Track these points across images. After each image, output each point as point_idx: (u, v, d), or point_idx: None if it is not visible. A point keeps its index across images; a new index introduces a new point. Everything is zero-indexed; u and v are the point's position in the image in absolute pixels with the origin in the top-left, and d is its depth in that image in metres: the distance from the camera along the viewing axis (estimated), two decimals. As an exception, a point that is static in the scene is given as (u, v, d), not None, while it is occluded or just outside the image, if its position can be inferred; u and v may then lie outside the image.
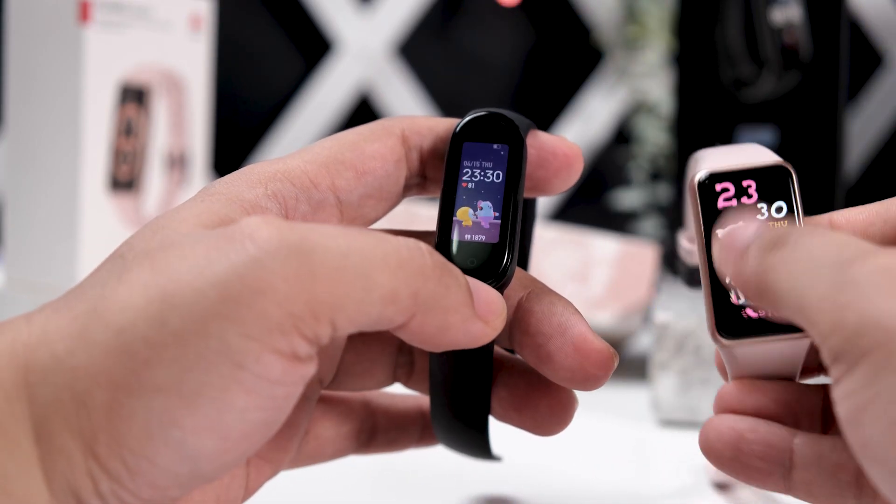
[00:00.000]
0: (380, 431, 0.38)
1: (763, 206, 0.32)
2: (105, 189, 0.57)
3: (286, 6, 1.03)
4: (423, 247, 0.29)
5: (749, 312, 0.31)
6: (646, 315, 0.70)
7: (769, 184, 0.33)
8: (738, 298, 0.32)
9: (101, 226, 0.57)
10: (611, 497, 0.45)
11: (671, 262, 0.83)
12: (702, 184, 0.33)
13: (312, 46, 1.04)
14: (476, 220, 0.32)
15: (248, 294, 0.26)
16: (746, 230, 0.30)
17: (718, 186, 0.33)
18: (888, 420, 0.24)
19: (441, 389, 0.34)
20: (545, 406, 0.34)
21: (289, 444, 0.34)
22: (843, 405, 0.26)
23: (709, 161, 0.34)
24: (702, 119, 0.81)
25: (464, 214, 0.33)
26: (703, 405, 0.56)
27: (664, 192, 1.07)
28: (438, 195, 0.33)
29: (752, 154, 0.34)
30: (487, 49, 1.11)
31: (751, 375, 0.32)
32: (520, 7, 1.11)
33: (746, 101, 0.80)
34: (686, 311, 0.57)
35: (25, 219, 0.59)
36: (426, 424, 0.38)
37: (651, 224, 1.09)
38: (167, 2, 0.60)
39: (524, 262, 0.38)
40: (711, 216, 0.32)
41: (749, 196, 0.33)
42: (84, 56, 0.56)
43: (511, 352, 0.35)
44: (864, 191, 1.17)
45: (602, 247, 0.69)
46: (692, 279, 0.49)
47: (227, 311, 0.26)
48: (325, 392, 0.37)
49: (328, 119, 1.03)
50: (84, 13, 0.56)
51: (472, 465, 0.41)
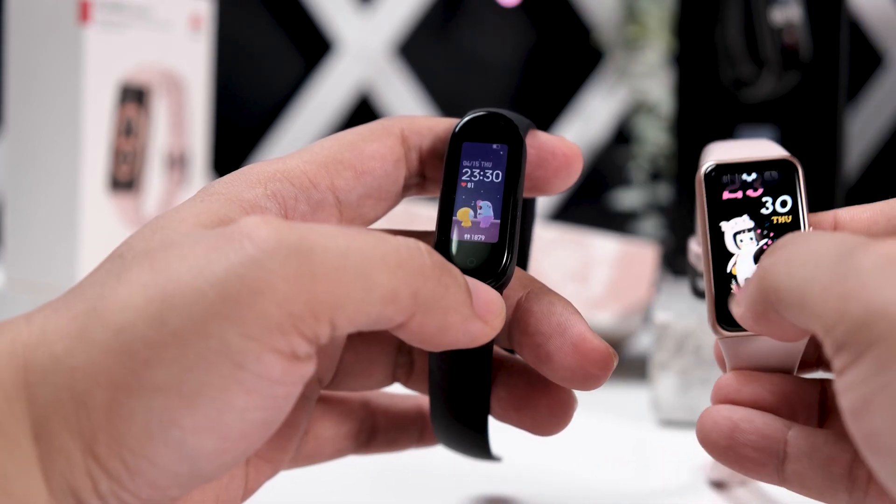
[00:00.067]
0: (379, 431, 0.38)
1: (768, 200, 0.33)
2: (105, 189, 0.57)
3: (286, 6, 1.03)
4: (423, 246, 0.29)
5: None
6: (646, 315, 0.70)
7: (775, 177, 0.33)
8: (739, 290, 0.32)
9: (101, 226, 0.57)
10: (611, 497, 0.45)
11: (671, 262, 0.83)
12: (708, 175, 0.33)
13: (312, 46, 1.04)
14: (475, 220, 0.32)
15: (248, 294, 0.26)
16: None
17: (724, 178, 0.33)
18: None
19: (440, 389, 0.34)
20: (544, 406, 0.34)
21: (288, 444, 0.34)
22: (848, 396, 0.26)
23: (718, 153, 0.34)
24: (702, 119, 0.81)
25: (463, 214, 0.32)
26: (703, 405, 0.56)
27: (664, 192, 1.07)
28: (438, 195, 0.33)
29: (761, 148, 0.34)
30: (487, 49, 1.11)
31: (749, 368, 0.32)
32: (520, 7, 1.11)
33: (746, 101, 0.80)
34: (686, 311, 0.57)
35: (25, 219, 0.59)
36: (426, 424, 0.38)
37: (651, 224, 1.09)
38: (167, 2, 0.60)
39: (523, 262, 0.38)
40: (716, 207, 0.33)
41: (754, 189, 0.33)
42: (84, 56, 0.56)
43: (510, 352, 0.35)
44: (864, 191, 1.17)
45: (602, 247, 0.69)
46: (698, 290, 0.49)
47: (227, 311, 0.26)
48: (325, 392, 0.37)
49: (328, 119, 1.03)
50: (84, 13, 0.56)
51: (472, 465, 0.41)
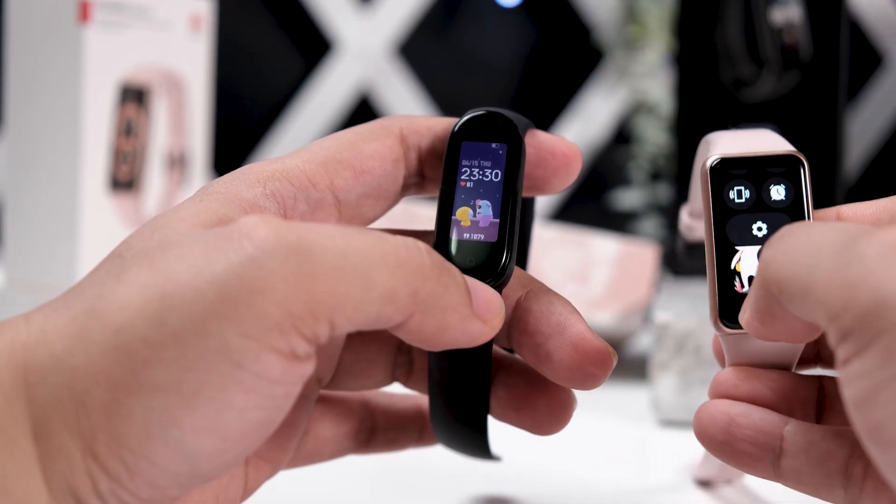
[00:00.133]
0: (379, 431, 0.38)
1: (773, 195, 0.32)
2: (105, 189, 0.57)
3: (286, 6, 1.03)
4: (422, 246, 0.29)
5: None
6: (646, 315, 0.70)
7: (780, 172, 0.33)
8: (742, 287, 0.32)
9: (101, 226, 0.57)
10: (611, 497, 0.45)
11: (671, 262, 0.83)
12: (713, 168, 0.33)
13: (312, 46, 1.04)
14: (474, 220, 0.32)
15: (247, 293, 0.26)
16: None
17: (729, 172, 0.33)
18: None
19: (440, 389, 0.34)
20: (544, 405, 0.34)
21: (288, 444, 0.34)
22: (853, 386, 0.25)
23: (721, 145, 0.33)
24: (702, 119, 0.81)
25: (462, 214, 0.32)
26: (703, 405, 0.56)
27: (664, 192, 1.07)
28: (437, 194, 0.33)
29: (765, 140, 0.34)
30: (487, 49, 1.11)
31: (748, 364, 0.32)
32: (520, 7, 1.11)
33: (746, 101, 0.80)
34: (686, 311, 0.57)
35: (25, 219, 0.59)
36: (425, 424, 0.38)
37: (651, 224, 1.09)
38: (167, 2, 0.60)
39: (523, 262, 0.38)
40: (721, 201, 0.32)
41: (759, 183, 0.33)
42: (84, 56, 0.56)
43: (510, 351, 0.35)
44: (864, 191, 1.17)
45: (602, 247, 0.69)
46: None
47: (226, 311, 0.26)
48: (324, 392, 0.37)
49: (328, 119, 1.03)
50: (84, 13, 0.56)
51: (472, 465, 0.41)
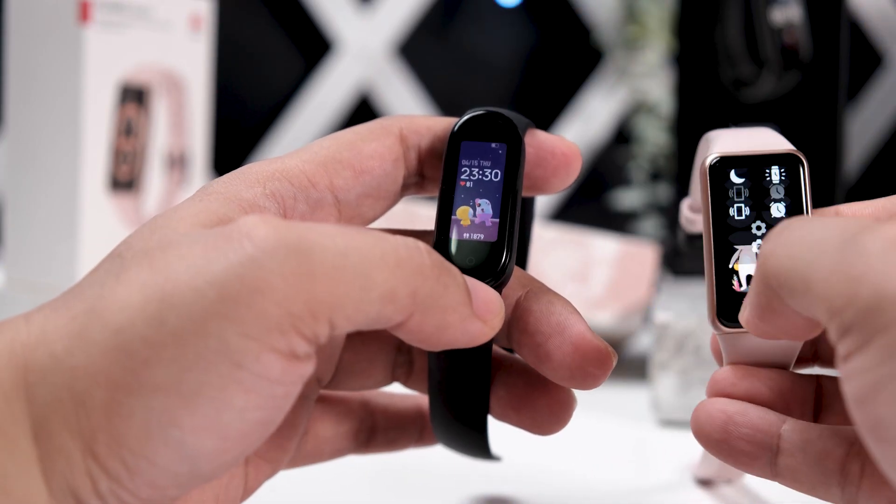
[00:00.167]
0: (379, 431, 0.38)
1: (773, 194, 0.32)
2: (105, 189, 0.57)
3: (286, 6, 1.03)
4: (422, 246, 0.29)
5: None
6: (646, 315, 0.70)
7: (780, 171, 0.33)
8: (740, 286, 0.32)
9: (101, 226, 0.57)
10: (610, 497, 0.45)
11: (671, 262, 0.83)
12: (713, 167, 0.33)
13: (312, 46, 1.04)
14: (474, 219, 0.32)
15: (247, 293, 0.26)
16: None
17: (729, 171, 0.33)
18: None
19: (440, 389, 0.34)
20: (544, 405, 0.34)
21: (288, 444, 0.34)
22: (854, 382, 0.25)
23: (721, 143, 0.33)
24: (702, 119, 0.81)
25: (462, 213, 0.32)
26: (703, 405, 0.56)
27: (664, 192, 1.07)
28: (437, 194, 0.33)
29: (764, 139, 0.34)
30: (487, 49, 1.11)
31: (747, 362, 0.32)
32: (520, 7, 1.11)
33: (746, 101, 0.80)
34: (686, 311, 0.57)
35: (25, 219, 0.59)
36: (425, 424, 0.38)
37: (651, 224, 1.09)
38: (167, 2, 0.60)
39: (522, 261, 0.38)
40: (720, 199, 0.33)
41: (759, 182, 0.33)
42: (84, 56, 0.56)
43: (510, 351, 0.35)
44: (864, 191, 1.17)
45: (602, 247, 0.69)
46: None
47: (226, 311, 0.26)
48: (324, 392, 0.37)
49: (328, 119, 1.03)
50: (84, 13, 0.56)
51: (472, 465, 0.41)
